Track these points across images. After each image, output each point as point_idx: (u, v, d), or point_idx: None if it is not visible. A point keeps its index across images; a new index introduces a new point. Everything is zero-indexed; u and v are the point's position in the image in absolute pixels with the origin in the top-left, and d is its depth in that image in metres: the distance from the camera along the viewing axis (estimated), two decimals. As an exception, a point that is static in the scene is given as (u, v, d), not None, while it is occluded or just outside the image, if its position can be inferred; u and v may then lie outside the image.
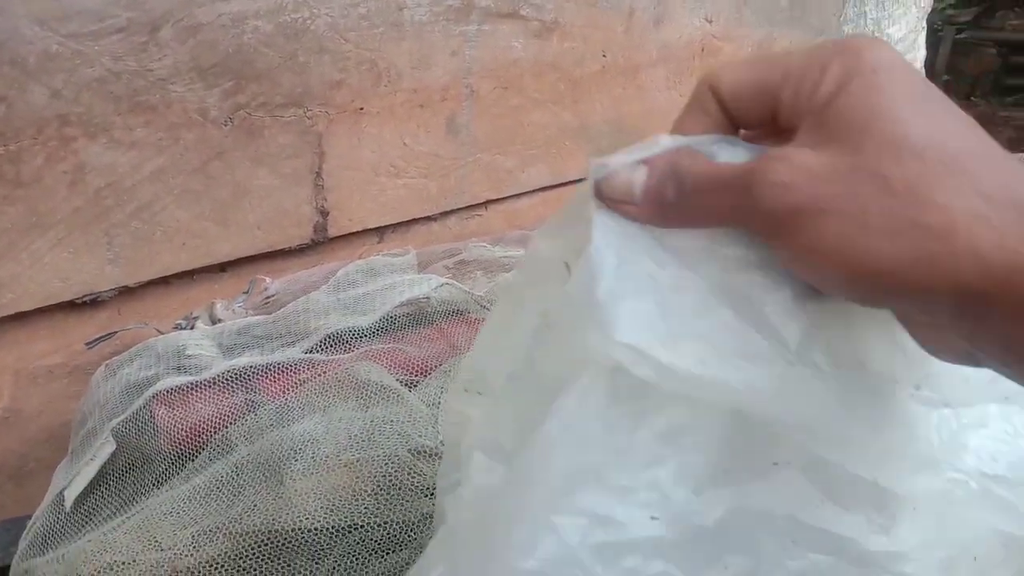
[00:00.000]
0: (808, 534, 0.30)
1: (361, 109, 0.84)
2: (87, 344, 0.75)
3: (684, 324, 0.28)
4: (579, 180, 1.02)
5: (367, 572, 0.53)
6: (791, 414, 0.28)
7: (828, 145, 0.25)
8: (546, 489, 0.28)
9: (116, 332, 0.76)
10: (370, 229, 0.90)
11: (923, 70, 1.44)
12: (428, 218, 0.94)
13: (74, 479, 0.60)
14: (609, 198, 0.29)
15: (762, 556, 0.29)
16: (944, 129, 0.25)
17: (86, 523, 0.59)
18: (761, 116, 0.29)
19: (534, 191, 1.00)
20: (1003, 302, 0.23)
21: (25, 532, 0.61)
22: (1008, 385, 0.30)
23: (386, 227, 0.91)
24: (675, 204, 0.28)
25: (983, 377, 0.30)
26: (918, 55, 1.34)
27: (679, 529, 0.29)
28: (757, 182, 0.26)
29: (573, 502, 0.28)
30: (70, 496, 0.60)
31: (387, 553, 0.54)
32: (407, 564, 0.54)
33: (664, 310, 0.28)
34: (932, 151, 0.24)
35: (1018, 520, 0.30)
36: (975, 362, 0.26)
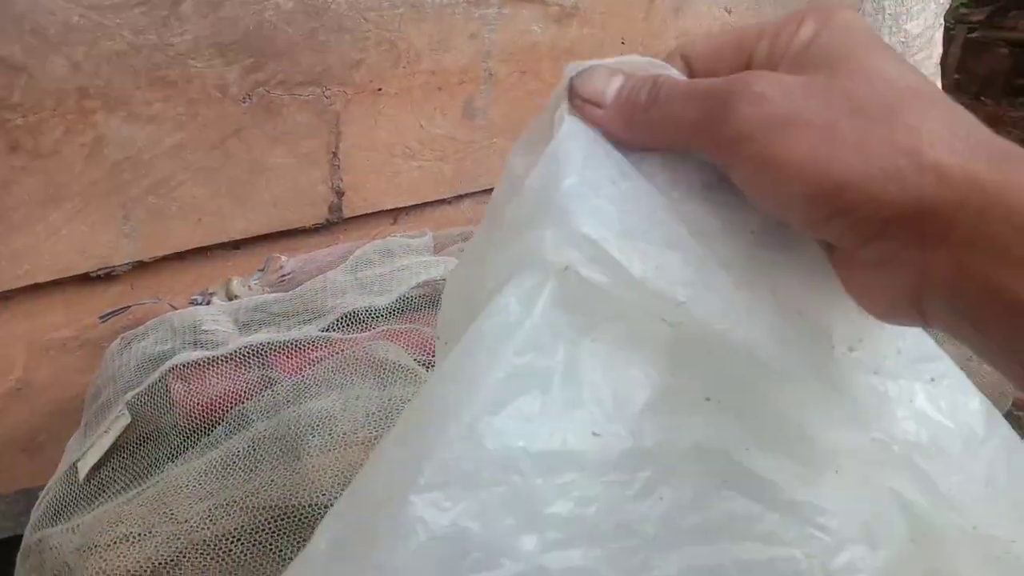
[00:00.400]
0: (738, 475, 0.29)
1: (379, 90, 0.84)
2: (101, 317, 0.75)
3: (642, 231, 0.27)
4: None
5: (382, 550, 0.53)
6: (734, 336, 0.28)
7: (804, 71, 0.26)
8: (484, 389, 0.26)
9: (130, 306, 0.75)
10: (385, 211, 0.90)
11: (939, 68, 1.43)
12: (443, 201, 0.94)
13: (88, 451, 0.60)
14: (579, 96, 0.29)
15: (696, 492, 0.29)
16: (912, 73, 0.26)
17: (99, 495, 0.59)
18: (732, 71, 0.28)
19: (549, 177, 1.00)
20: (960, 223, 0.23)
21: (37, 503, 0.61)
22: (935, 366, 0.30)
23: (400, 209, 0.91)
24: (644, 112, 0.28)
25: (913, 354, 0.30)
26: (934, 52, 1.33)
27: (618, 451, 0.28)
28: (735, 92, 0.26)
29: (512, 406, 0.26)
30: (84, 468, 0.60)
31: (402, 531, 0.54)
32: (421, 543, 0.54)
33: (623, 215, 0.27)
34: (903, 82, 0.25)
35: (932, 492, 0.30)
36: (918, 314, 0.26)
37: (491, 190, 0.99)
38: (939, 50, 1.35)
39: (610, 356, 0.28)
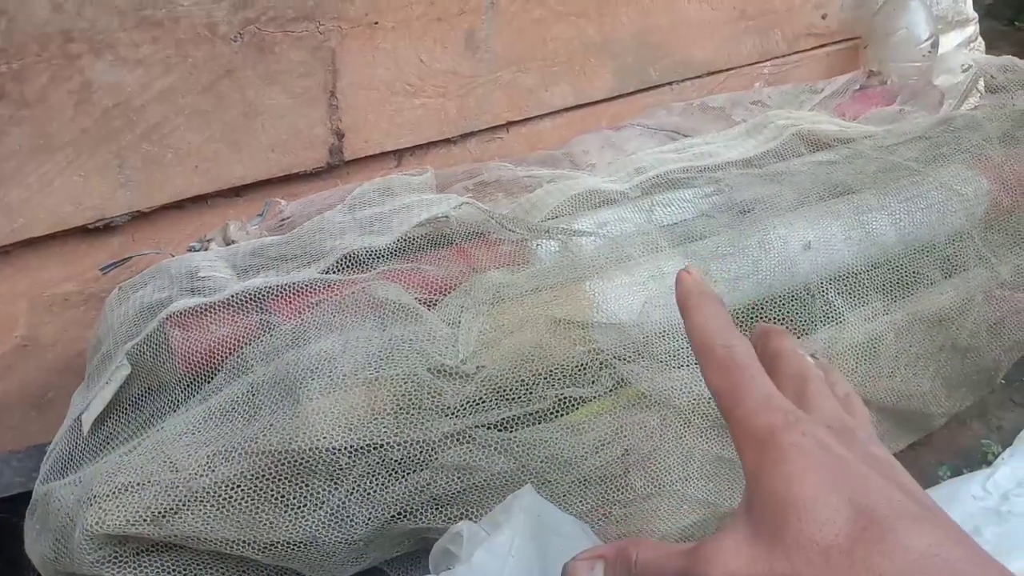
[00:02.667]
0: None
1: (376, 23, 0.80)
2: (102, 269, 0.74)
3: None
4: (604, 100, 0.97)
5: (387, 492, 0.52)
6: None
7: (756, 539, 0.28)
8: None
9: (131, 257, 0.74)
10: (387, 152, 0.87)
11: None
12: (447, 140, 0.90)
13: (90, 403, 0.59)
14: None
15: None
16: (848, 516, 0.27)
17: (104, 447, 0.58)
18: None
19: (557, 112, 0.96)
20: None
21: (45, 458, 0.60)
22: None
23: (404, 150, 0.88)
24: None
25: None
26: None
27: None
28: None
29: None
30: (87, 421, 0.59)
31: (407, 473, 0.52)
32: (428, 485, 0.52)
33: None
34: (835, 551, 0.26)
35: None
36: None
37: (496, 128, 0.96)
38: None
39: None
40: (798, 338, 0.63)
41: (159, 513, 0.49)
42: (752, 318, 0.63)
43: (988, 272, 0.73)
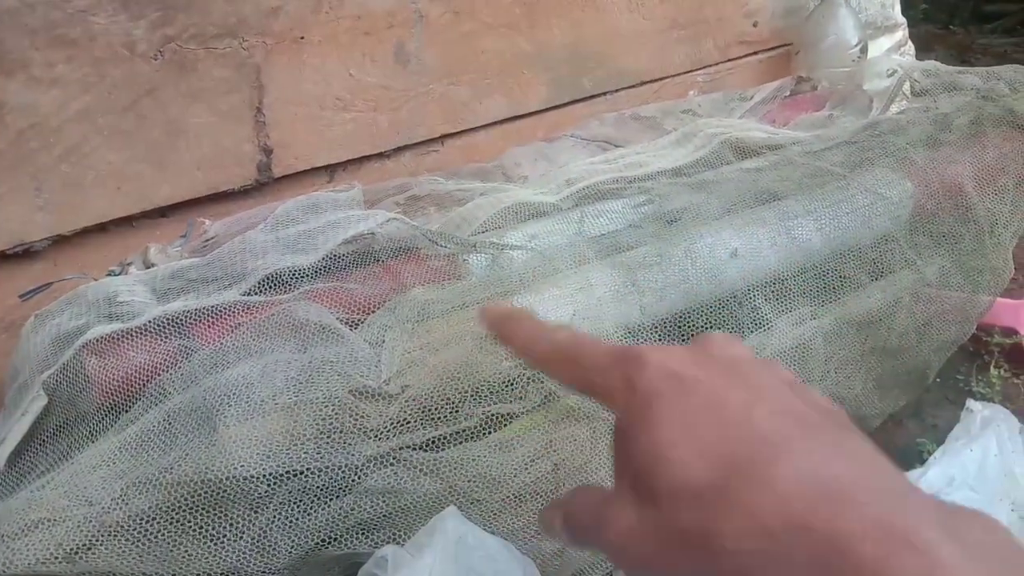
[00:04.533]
0: None
1: (301, 38, 0.79)
2: (21, 297, 0.71)
3: None
4: (539, 111, 0.97)
5: (310, 519, 0.51)
6: None
7: (637, 496, 0.27)
8: None
9: (52, 283, 0.72)
10: (319, 167, 0.85)
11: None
12: (381, 155, 0.90)
13: (6, 436, 0.57)
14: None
15: None
16: (718, 453, 0.25)
17: (20, 481, 0.56)
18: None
19: (492, 124, 0.96)
20: None
21: (-40, 493, 0.58)
22: None
23: (336, 165, 0.87)
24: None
25: None
26: (892, -27, 1.29)
27: None
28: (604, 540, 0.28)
29: None
30: (2, 454, 0.56)
31: (331, 499, 0.51)
32: (353, 510, 0.51)
33: None
34: (709, 491, 0.25)
35: None
36: None
37: (431, 141, 0.96)
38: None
39: None
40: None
41: (72, 550, 0.48)
42: (680, 327, 0.64)
43: (914, 274, 0.74)
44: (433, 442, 0.54)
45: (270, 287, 0.60)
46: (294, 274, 0.61)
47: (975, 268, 0.79)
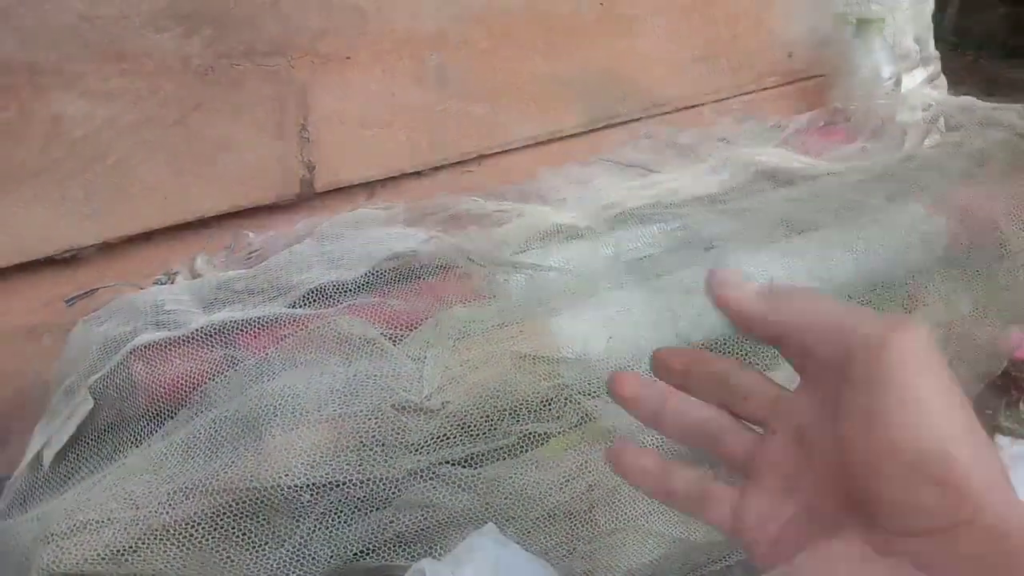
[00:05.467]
0: None
1: (348, 58, 0.81)
2: (67, 301, 0.73)
3: None
4: (574, 135, 0.98)
5: (350, 530, 0.52)
6: None
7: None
8: None
9: (97, 289, 0.73)
10: (358, 184, 0.87)
11: (931, 25, 1.39)
12: (418, 173, 0.91)
13: (52, 438, 0.59)
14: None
15: None
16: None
17: (65, 482, 0.57)
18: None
19: (527, 146, 0.97)
20: None
21: (4, 492, 0.60)
22: None
23: (375, 182, 0.89)
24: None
25: None
26: (926, 7, 1.30)
27: None
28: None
29: None
30: (48, 455, 0.58)
31: (371, 510, 0.52)
32: (391, 522, 0.52)
33: None
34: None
35: None
36: None
37: (468, 161, 0.97)
38: (931, 5, 1.31)
39: None
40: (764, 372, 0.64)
41: (118, 551, 0.49)
42: (718, 352, 0.64)
43: (947, 308, 0.74)
44: (471, 458, 0.55)
45: (314, 300, 0.62)
46: (338, 288, 0.62)
47: (1008, 303, 0.79)
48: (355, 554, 0.52)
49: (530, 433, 0.57)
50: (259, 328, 0.59)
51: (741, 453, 0.33)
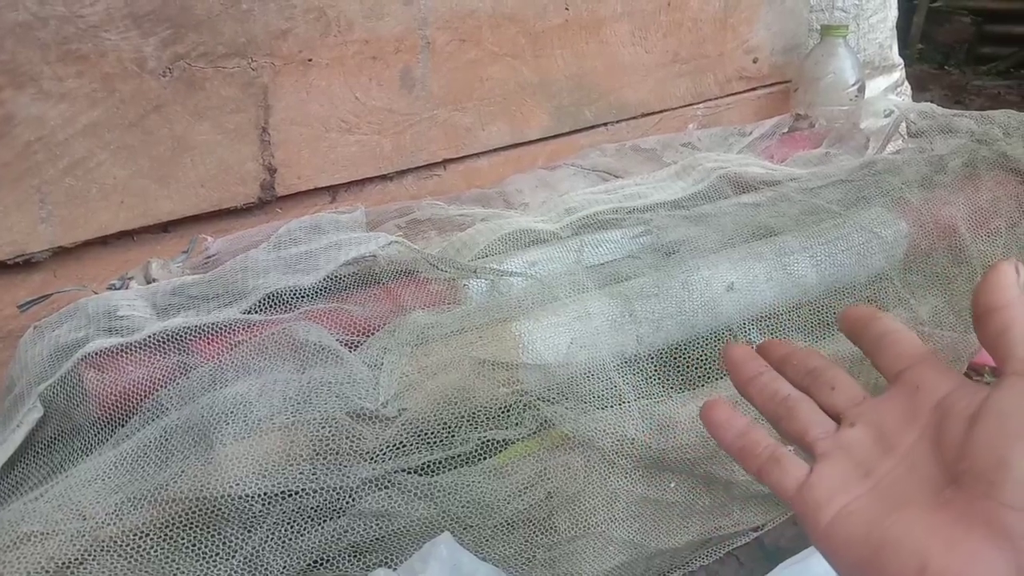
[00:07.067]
0: None
1: (309, 60, 0.80)
2: (20, 307, 0.71)
3: None
4: (540, 140, 0.98)
5: (303, 540, 0.51)
6: None
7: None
8: None
9: (51, 294, 0.72)
10: (321, 188, 0.86)
11: (895, 33, 1.41)
12: (383, 177, 0.90)
13: (0, 447, 0.57)
14: None
15: None
16: None
17: (12, 493, 0.56)
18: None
19: (494, 150, 0.97)
20: None
21: (-49, 503, 0.58)
22: None
23: (339, 186, 0.88)
24: None
25: None
26: (889, 15, 1.31)
27: None
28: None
29: None
30: (-4, 465, 0.57)
31: (324, 520, 0.51)
32: (346, 532, 0.51)
33: None
34: None
35: None
36: None
37: (433, 165, 0.96)
38: (894, 12, 1.33)
39: None
40: (719, 379, 0.64)
41: (63, 564, 0.48)
42: (676, 358, 0.64)
43: (907, 313, 0.75)
44: (428, 466, 0.54)
45: (271, 306, 0.61)
46: (295, 294, 0.61)
47: (967, 308, 0.80)
48: (309, 564, 0.51)
49: (488, 440, 0.56)
50: (213, 334, 0.58)
51: (815, 434, 0.36)
